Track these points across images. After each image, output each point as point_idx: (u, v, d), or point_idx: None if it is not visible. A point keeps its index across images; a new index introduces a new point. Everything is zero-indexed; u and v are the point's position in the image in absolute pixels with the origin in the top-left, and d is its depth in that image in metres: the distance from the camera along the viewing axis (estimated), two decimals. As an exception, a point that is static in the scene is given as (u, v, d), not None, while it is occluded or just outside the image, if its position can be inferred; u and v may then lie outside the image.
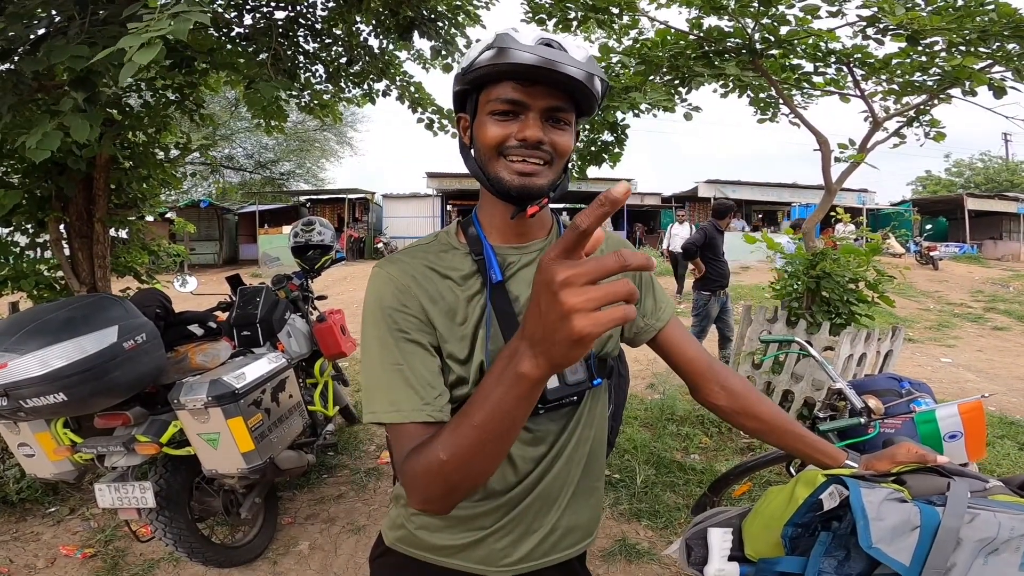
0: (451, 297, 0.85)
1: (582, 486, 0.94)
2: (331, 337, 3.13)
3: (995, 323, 9.46)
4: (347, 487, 3.20)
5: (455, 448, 0.63)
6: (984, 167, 30.79)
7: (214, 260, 19.29)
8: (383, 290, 0.83)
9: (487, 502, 0.88)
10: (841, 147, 3.97)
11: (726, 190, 19.62)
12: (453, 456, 0.64)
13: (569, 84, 0.76)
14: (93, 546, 2.60)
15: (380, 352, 0.80)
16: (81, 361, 1.81)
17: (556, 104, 0.79)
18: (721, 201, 5.69)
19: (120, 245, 3.77)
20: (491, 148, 0.80)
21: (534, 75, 0.76)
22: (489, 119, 0.80)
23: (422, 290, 0.84)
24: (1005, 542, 0.69)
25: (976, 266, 16.54)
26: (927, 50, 3.40)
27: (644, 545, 2.59)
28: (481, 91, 0.82)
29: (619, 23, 4.03)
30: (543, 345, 0.52)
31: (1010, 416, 4.34)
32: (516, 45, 0.75)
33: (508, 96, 0.78)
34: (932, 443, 1.68)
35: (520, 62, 0.74)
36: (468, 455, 0.63)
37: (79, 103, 1.96)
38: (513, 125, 0.79)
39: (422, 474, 0.67)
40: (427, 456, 0.67)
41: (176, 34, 1.40)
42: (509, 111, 0.79)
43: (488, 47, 0.78)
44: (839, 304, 3.80)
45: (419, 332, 0.82)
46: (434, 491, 0.68)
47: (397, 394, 0.77)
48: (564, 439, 0.90)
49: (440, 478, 0.66)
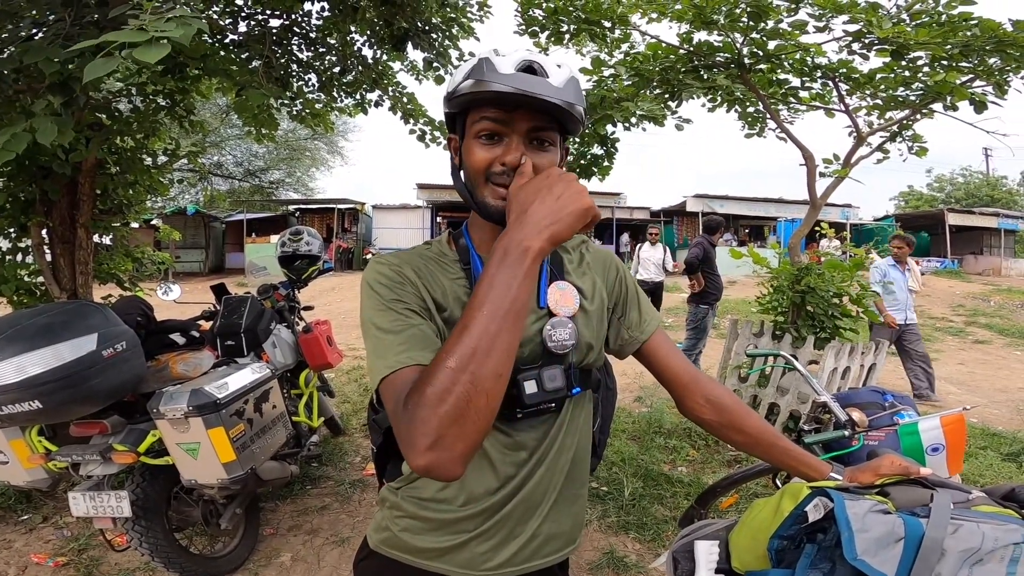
0: (442, 292, 0.87)
1: (565, 493, 0.95)
2: (317, 348, 3.10)
3: (976, 337, 9.62)
4: (331, 499, 3.15)
5: (464, 348, 0.63)
6: (965, 182, 31.41)
7: (200, 268, 19.10)
8: (380, 271, 0.86)
9: (470, 506, 0.88)
10: (826, 162, 4.05)
11: (714, 204, 19.87)
12: (463, 357, 0.62)
13: (549, 108, 0.78)
14: (66, 554, 2.54)
15: (379, 321, 0.80)
16: (58, 368, 1.78)
17: (538, 125, 0.81)
18: (711, 217, 6.00)
19: (103, 251, 3.72)
20: (478, 173, 0.83)
21: (513, 101, 0.77)
22: (475, 142, 0.82)
23: (420, 276, 0.87)
24: (989, 552, 0.69)
25: (957, 281, 16.84)
26: (911, 65, 3.48)
27: (632, 558, 2.58)
28: (467, 114, 0.84)
29: (611, 37, 4.09)
30: (549, 220, 0.69)
31: (992, 427, 4.40)
32: (492, 75, 0.77)
33: (490, 121, 0.80)
34: (915, 456, 1.70)
35: (500, 91, 0.76)
36: (481, 352, 0.62)
37: (55, 106, 1.94)
38: (498, 148, 0.81)
39: (430, 399, 0.62)
40: (431, 375, 0.64)
41: (181, 39, 1.40)
42: (493, 134, 0.81)
43: (468, 75, 0.80)
44: (824, 318, 3.85)
45: (418, 305, 0.83)
46: (445, 418, 0.61)
47: (395, 348, 0.76)
48: (546, 446, 0.91)
49: (451, 395, 0.61)
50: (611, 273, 1.03)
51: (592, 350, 0.95)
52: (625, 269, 1.06)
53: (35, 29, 2.21)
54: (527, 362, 0.87)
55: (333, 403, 4.02)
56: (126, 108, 3.53)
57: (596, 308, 0.96)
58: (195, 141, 10.71)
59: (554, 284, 0.92)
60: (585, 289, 0.96)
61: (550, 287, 0.92)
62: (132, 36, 1.35)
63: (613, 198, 20.60)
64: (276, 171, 24.05)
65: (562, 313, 0.90)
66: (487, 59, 0.79)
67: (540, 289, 0.91)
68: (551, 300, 0.90)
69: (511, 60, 0.79)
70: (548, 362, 0.87)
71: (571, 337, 0.89)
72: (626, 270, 1.06)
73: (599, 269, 1.02)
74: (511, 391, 0.84)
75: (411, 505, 0.91)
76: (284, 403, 2.55)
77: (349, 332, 8.64)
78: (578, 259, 1.01)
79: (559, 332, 0.88)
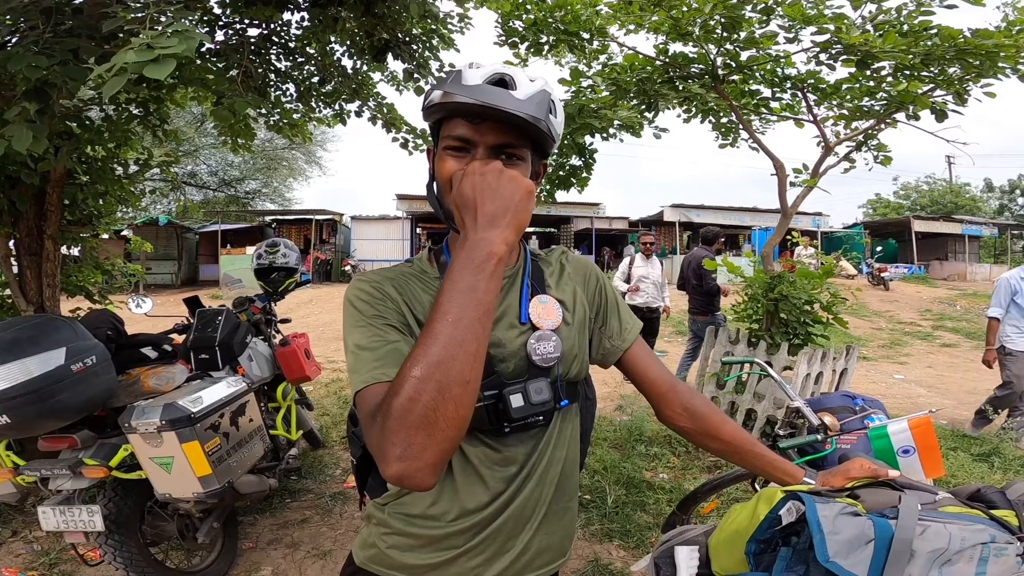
0: (421, 309, 0.87)
1: (555, 506, 0.94)
2: (295, 361, 3.06)
3: (944, 340, 9.92)
4: (312, 511, 3.10)
5: (429, 356, 0.61)
6: (929, 189, 32.49)
7: (172, 281, 18.63)
8: (362, 288, 0.87)
9: (459, 521, 0.88)
10: (796, 171, 4.16)
11: (691, 214, 20.18)
12: (429, 366, 0.60)
13: (516, 121, 0.78)
14: (37, 568, 2.48)
15: (359, 335, 0.81)
16: (26, 383, 1.74)
17: (504, 141, 0.81)
18: (710, 228, 5.91)
19: (72, 263, 3.62)
20: (445, 183, 0.83)
21: (480, 113, 0.78)
22: (445, 154, 0.83)
23: (401, 293, 0.87)
24: (957, 552, 0.71)
25: (924, 286, 17.38)
26: (875, 75, 3.61)
27: (617, 565, 2.58)
28: (441, 126, 0.85)
29: (589, 48, 4.16)
30: (502, 214, 0.68)
31: (961, 429, 4.53)
32: (456, 88, 0.78)
33: (459, 133, 0.81)
34: (887, 458, 1.74)
35: (462, 102, 0.77)
36: (446, 359, 0.61)
37: (30, 114, 1.90)
38: (464, 160, 0.82)
39: (396, 410, 0.61)
40: (397, 386, 0.62)
41: (184, 52, 1.43)
42: (461, 147, 0.82)
43: (438, 86, 0.82)
44: (796, 325, 3.93)
45: (399, 321, 0.84)
46: (412, 427, 0.60)
47: (372, 363, 0.77)
48: (535, 460, 0.90)
49: (418, 404, 0.60)
50: (591, 283, 1.04)
51: (577, 361, 0.95)
52: (605, 278, 1.08)
53: (9, 36, 2.17)
54: (513, 376, 0.87)
55: (312, 416, 3.95)
56: (97, 116, 3.46)
57: (578, 319, 0.97)
58: (168, 150, 10.52)
59: (536, 298, 0.93)
60: (567, 301, 0.97)
61: (531, 301, 0.92)
62: (141, 55, 1.39)
63: (592, 208, 20.78)
64: (252, 181, 23.72)
65: (545, 327, 0.91)
66: (460, 71, 0.81)
67: (522, 304, 0.92)
68: (533, 314, 0.91)
69: (482, 72, 0.80)
70: (534, 375, 0.88)
71: (555, 350, 0.90)
72: (606, 279, 1.08)
73: (579, 279, 1.02)
74: (498, 406, 0.85)
75: (398, 522, 0.90)
76: (261, 416, 2.51)
77: (327, 345, 8.53)
78: (558, 270, 1.02)
79: (543, 345, 0.89)
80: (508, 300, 0.93)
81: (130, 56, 1.39)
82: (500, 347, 0.88)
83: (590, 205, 20.57)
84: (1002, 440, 4.10)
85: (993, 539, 0.73)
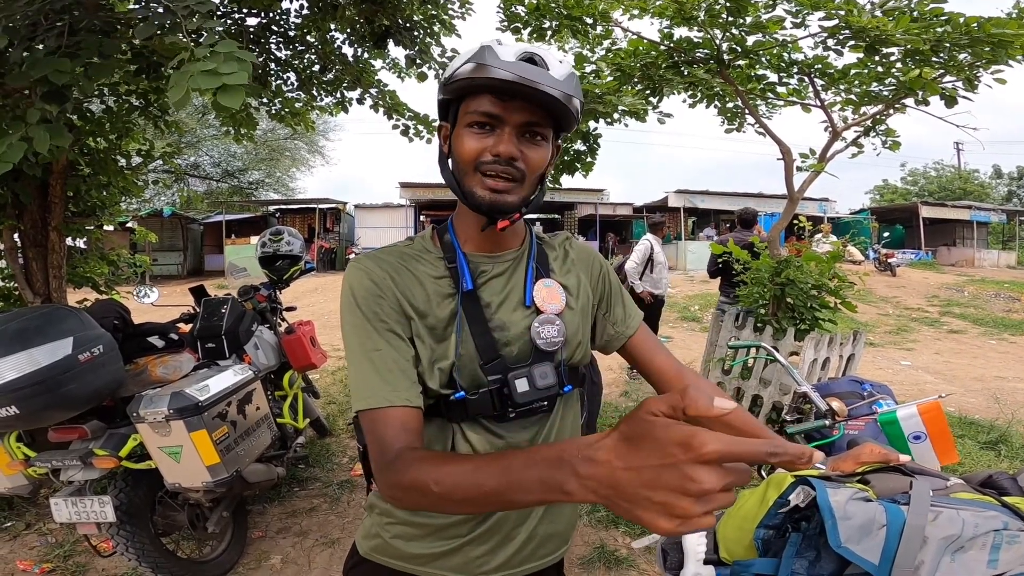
0: (423, 296, 0.86)
1: None
2: (300, 349, 3.07)
3: (951, 327, 9.86)
4: (320, 500, 3.12)
5: (452, 490, 0.63)
6: (937, 175, 32.19)
7: (178, 271, 18.73)
8: (359, 281, 0.84)
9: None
10: (803, 156, 4.10)
11: (695, 200, 20.03)
12: (446, 495, 0.64)
13: (546, 101, 0.77)
14: (52, 561, 2.51)
15: (357, 341, 0.81)
16: (33, 373, 1.74)
17: (532, 119, 0.80)
18: (747, 209, 5.38)
19: (77, 255, 3.63)
20: (467, 162, 0.81)
21: (511, 90, 0.76)
22: (466, 131, 0.81)
23: (397, 284, 0.85)
24: (971, 539, 0.71)
25: (932, 272, 17.24)
26: (884, 60, 3.54)
27: (622, 552, 2.59)
28: (462, 102, 0.82)
29: (593, 33, 4.10)
30: (618, 492, 0.45)
31: (969, 416, 4.51)
32: (495, 60, 0.76)
33: (485, 109, 0.79)
34: (898, 444, 1.73)
35: (497, 77, 0.75)
36: (462, 502, 0.64)
37: (51, 115, 1.92)
38: (489, 139, 0.80)
39: (407, 487, 0.68)
40: (419, 477, 0.66)
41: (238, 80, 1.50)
42: (486, 123, 0.80)
43: (468, 59, 0.79)
44: (803, 310, 3.90)
45: (395, 322, 0.83)
46: (410, 505, 0.73)
47: (373, 381, 0.78)
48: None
49: (424, 501, 0.68)
50: (595, 269, 1.03)
51: (580, 347, 0.95)
52: (608, 265, 1.07)
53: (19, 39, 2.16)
54: (517, 360, 0.87)
55: (319, 404, 3.98)
56: (98, 108, 3.44)
57: (582, 305, 0.97)
58: (170, 142, 10.48)
59: (540, 282, 0.92)
60: (571, 286, 0.96)
61: (536, 285, 0.91)
62: (207, 82, 1.48)
63: (596, 194, 20.68)
64: (255, 171, 23.66)
65: (549, 310, 0.90)
66: (489, 46, 0.78)
67: (527, 287, 0.91)
68: (538, 298, 0.90)
69: (513, 49, 0.78)
70: (538, 360, 0.87)
71: (559, 334, 0.89)
72: (609, 266, 1.07)
73: (583, 266, 1.02)
74: (503, 390, 0.84)
75: (402, 512, 0.90)
76: (268, 405, 2.52)
77: (333, 332, 8.53)
78: (563, 256, 1.01)
79: (547, 329, 0.88)
80: (513, 282, 0.92)
81: (201, 82, 1.47)
82: (504, 330, 0.87)
83: (594, 191, 20.46)
84: (1010, 426, 4.08)
85: (1006, 526, 0.73)
